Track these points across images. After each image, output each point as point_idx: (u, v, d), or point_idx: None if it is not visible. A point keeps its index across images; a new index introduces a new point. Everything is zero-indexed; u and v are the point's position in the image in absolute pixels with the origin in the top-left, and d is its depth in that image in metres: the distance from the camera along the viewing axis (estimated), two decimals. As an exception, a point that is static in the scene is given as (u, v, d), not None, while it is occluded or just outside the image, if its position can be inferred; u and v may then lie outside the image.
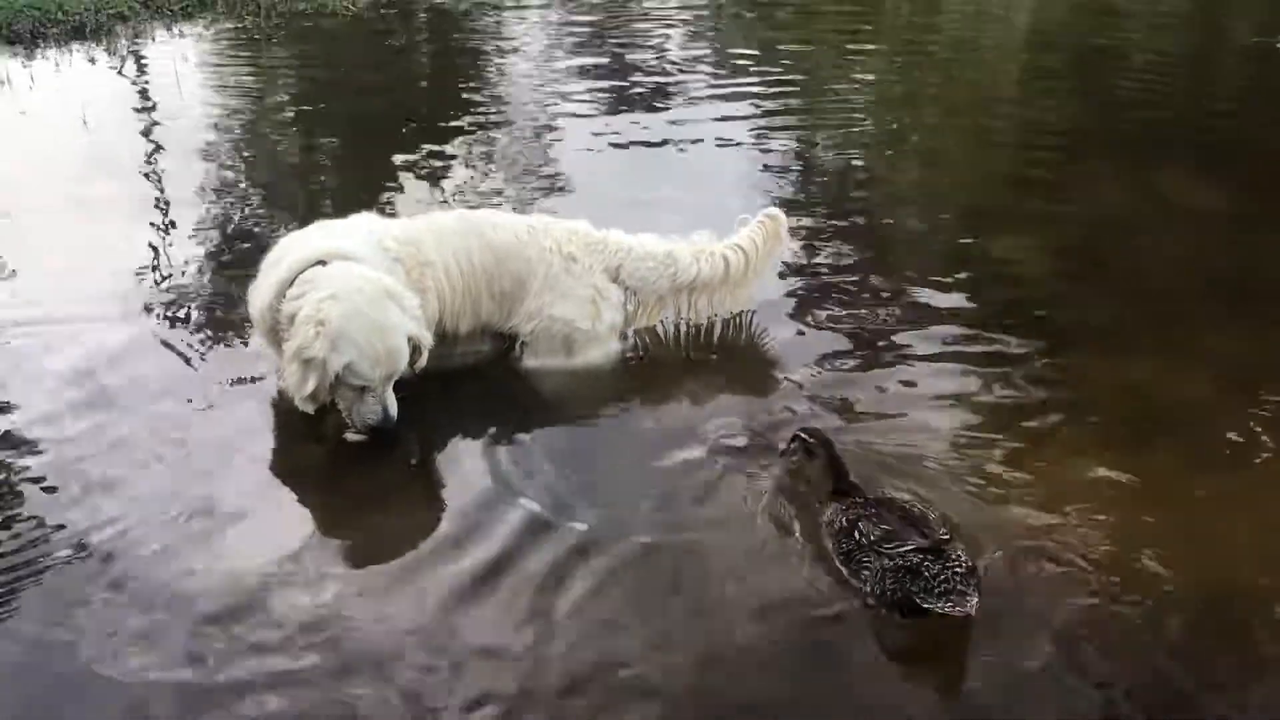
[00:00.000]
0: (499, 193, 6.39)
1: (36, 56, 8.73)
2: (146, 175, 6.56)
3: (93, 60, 8.80)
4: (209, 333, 4.76)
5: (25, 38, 8.95)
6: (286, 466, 3.96)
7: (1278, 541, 3.54)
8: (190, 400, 4.25)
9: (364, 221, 4.38)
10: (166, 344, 4.64)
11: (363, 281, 3.90)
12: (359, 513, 3.77)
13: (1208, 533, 3.52)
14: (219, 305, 4.99)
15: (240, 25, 9.82)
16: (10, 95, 7.76)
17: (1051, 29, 11.54)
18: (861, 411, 4.24)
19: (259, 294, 4.09)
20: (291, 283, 3.93)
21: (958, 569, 3.07)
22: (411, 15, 10.49)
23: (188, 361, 4.52)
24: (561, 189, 6.52)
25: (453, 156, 6.99)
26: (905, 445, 4.02)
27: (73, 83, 8.26)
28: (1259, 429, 4.09)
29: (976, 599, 3.04)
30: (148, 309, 4.94)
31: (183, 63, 8.68)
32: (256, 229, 5.83)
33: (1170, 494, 3.69)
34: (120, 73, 8.61)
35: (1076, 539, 3.50)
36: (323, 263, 3.96)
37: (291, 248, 4.09)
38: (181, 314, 4.92)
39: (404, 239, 4.27)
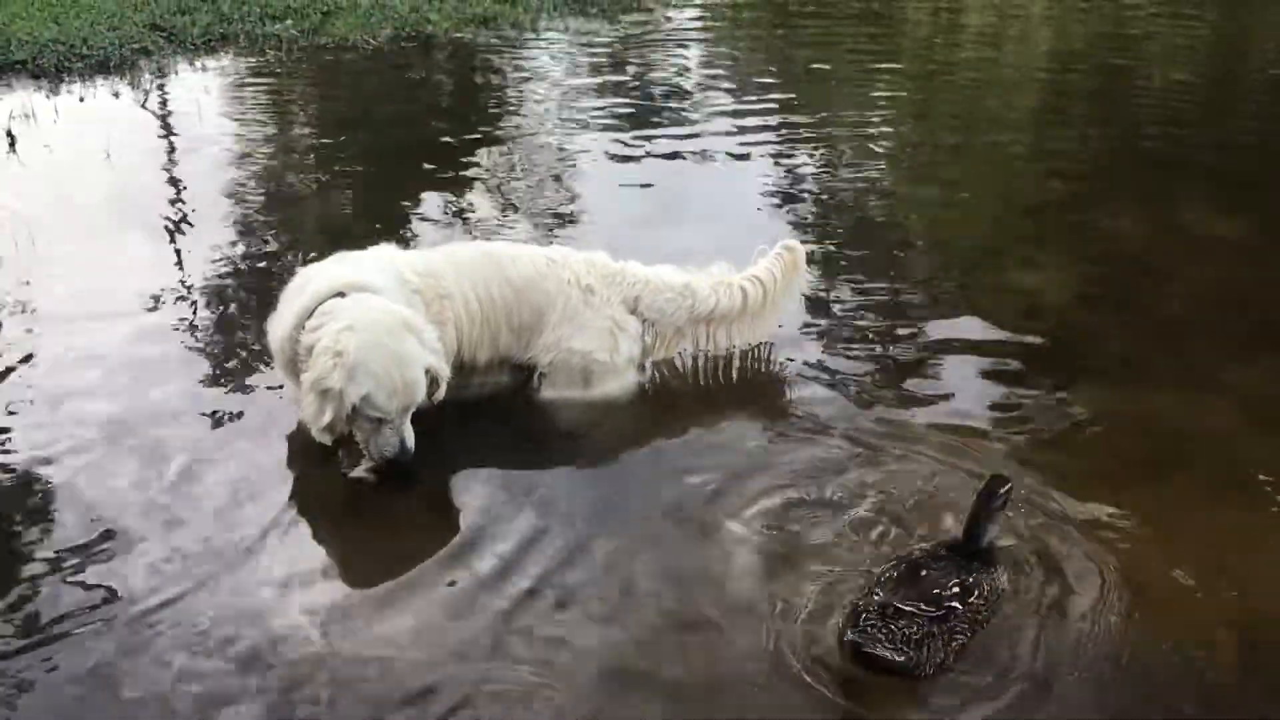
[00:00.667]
0: (515, 223, 6.41)
1: (61, 91, 8.80)
2: (168, 207, 6.59)
3: (116, 94, 8.87)
4: (227, 363, 4.78)
5: (50, 72, 9.03)
6: (301, 498, 3.95)
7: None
8: (204, 427, 4.27)
9: (383, 253, 4.39)
10: (184, 372, 4.68)
11: (381, 313, 3.91)
12: (371, 544, 3.77)
13: (1227, 566, 3.48)
14: (239, 337, 5.01)
15: (262, 59, 9.89)
16: (35, 129, 7.83)
17: (1071, 54, 11.58)
18: (878, 444, 4.21)
19: (278, 325, 4.11)
20: (311, 314, 3.94)
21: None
22: (431, 48, 10.56)
23: (203, 387, 4.56)
24: (577, 218, 6.55)
25: (469, 186, 7.01)
26: (924, 477, 3.99)
27: (96, 116, 8.32)
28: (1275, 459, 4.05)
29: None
30: (166, 339, 4.96)
31: (205, 96, 8.74)
32: (277, 261, 5.86)
33: (1189, 526, 3.65)
34: (143, 106, 8.69)
35: (1096, 569, 3.46)
36: (342, 294, 3.97)
37: (311, 279, 4.11)
38: (200, 344, 4.94)
39: (423, 271, 4.28)
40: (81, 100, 8.71)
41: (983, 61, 11.18)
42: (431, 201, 6.76)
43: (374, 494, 3.96)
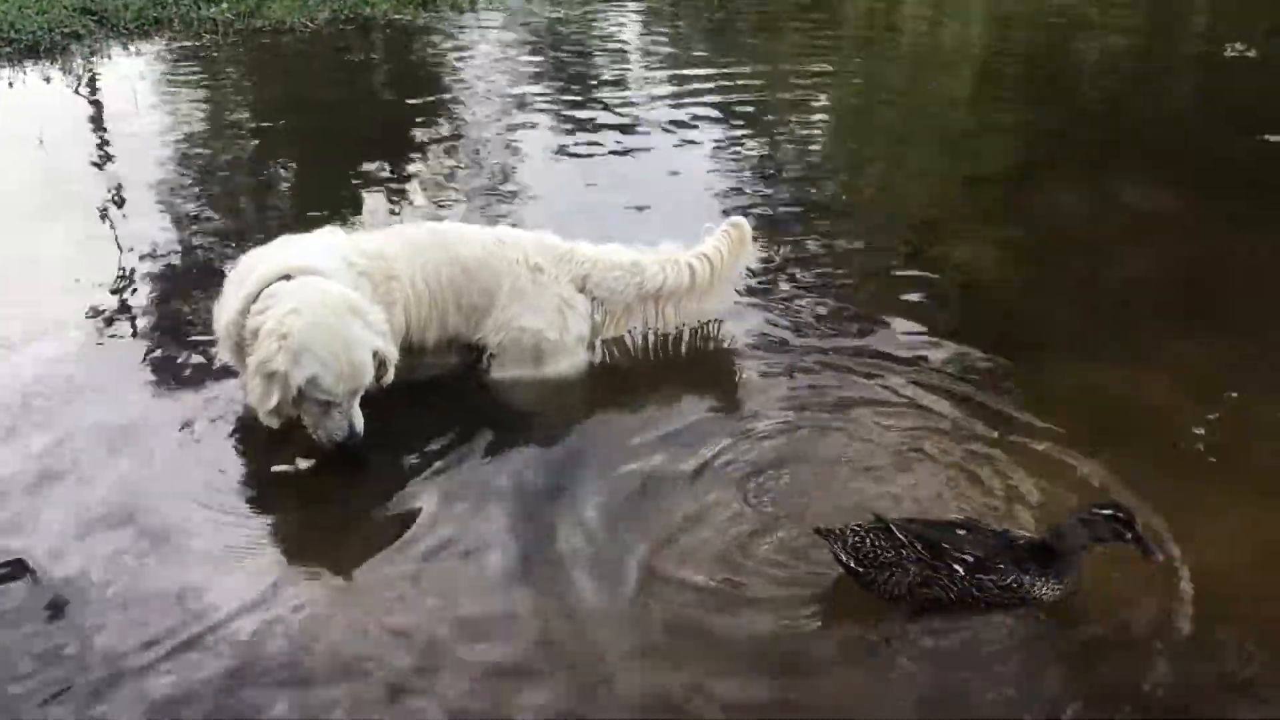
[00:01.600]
0: (456, 204, 6.37)
1: (-11, 78, 8.62)
2: (103, 193, 6.48)
3: (48, 79, 8.71)
4: (164, 350, 4.71)
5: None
6: (249, 482, 3.91)
7: (1235, 537, 3.57)
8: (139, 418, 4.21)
9: (330, 237, 4.34)
10: (120, 360, 4.61)
11: (326, 296, 3.87)
12: (320, 529, 3.75)
13: (1170, 531, 3.53)
14: (175, 322, 4.94)
15: (198, 43, 9.74)
16: (-37, 115, 7.66)
17: (1007, 37, 11.68)
18: (825, 414, 4.25)
19: (224, 309, 4.06)
20: (256, 297, 3.89)
21: None
22: (370, 30, 10.46)
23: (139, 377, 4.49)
24: (518, 198, 6.53)
25: (411, 169, 6.98)
26: (868, 450, 4.03)
27: (27, 102, 8.16)
28: (1220, 430, 4.13)
29: None
30: (101, 327, 4.89)
31: (139, 81, 8.59)
32: (214, 246, 5.78)
33: (1130, 495, 3.70)
34: (76, 92, 8.52)
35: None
36: (288, 277, 3.92)
37: (257, 263, 4.06)
38: (137, 330, 4.87)
39: (370, 253, 4.24)
40: (11, 86, 8.53)
41: (920, 36, 11.27)
42: (371, 184, 6.70)
43: (325, 478, 3.92)
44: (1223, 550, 3.48)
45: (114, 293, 5.21)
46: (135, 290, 5.26)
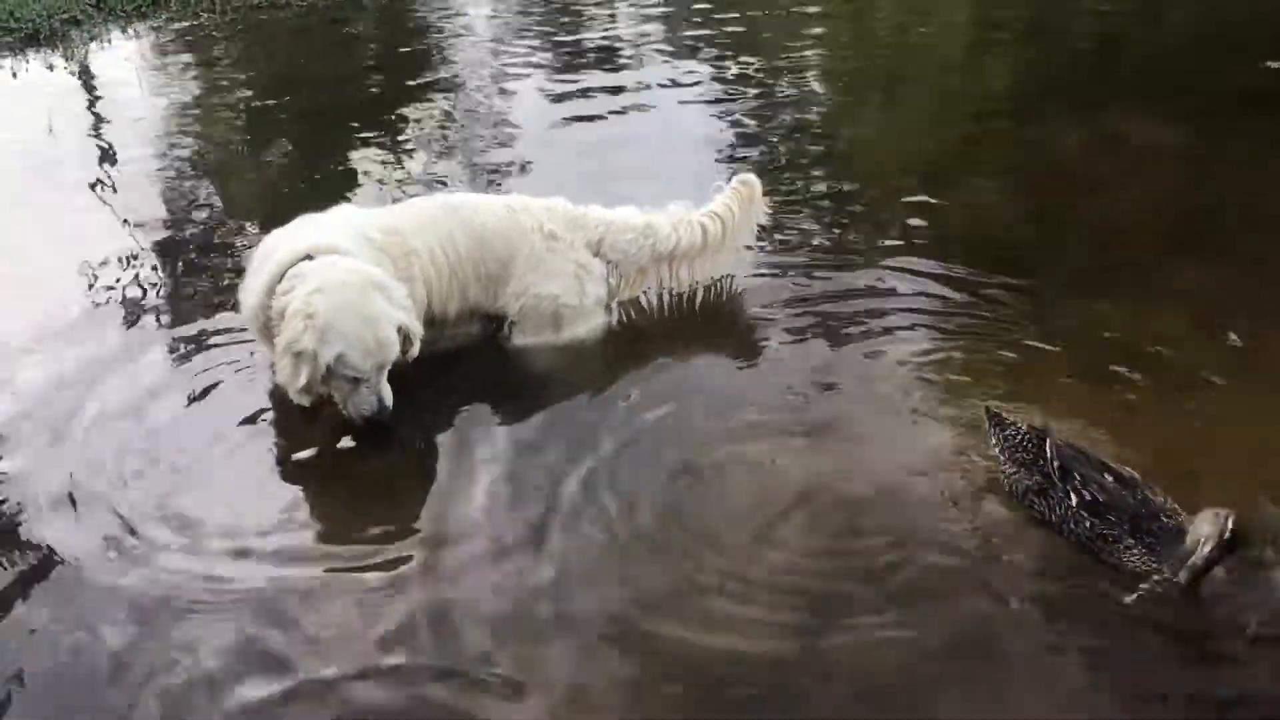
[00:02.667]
0: (458, 175, 6.42)
1: (-9, 66, 8.67)
2: (109, 176, 6.55)
3: (50, 66, 8.75)
4: (179, 330, 4.81)
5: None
6: (281, 458, 4.02)
7: (1246, 461, 3.66)
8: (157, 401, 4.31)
9: (347, 214, 4.44)
10: (135, 345, 4.70)
11: (349, 274, 3.96)
12: (360, 498, 3.85)
13: (1183, 464, 3.62)
14: (186, 304, 5.03)
15: (196, 22, 9.76)
16: (-30, 107, 7.73)
17: None
18: (838, 362, 4.38)
19: (249, 293, 4.15)
20: (280, 279, 3.98)
21: None
22: (370, 2, 10.45)
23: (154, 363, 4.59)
24: (519, 167, 6.55)
25: (410, 141, 7.03)
26: (883, 391, 4.17)
27: (32, 91, 8.21)
28: (1227, 360, 4.21)
29: None
30: (114, 311, 4.98)
31: (140, 63, 8.64)
32: (221, 226, 5.87)
33: (1143, 429, 3.78)
34: (79, 77, 8.57)
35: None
36: (310, 257, 4.01)
37: (278, 245, 4.14)
38: (149, 313, 4.96)
39: (387, 229, 4.32)
40: (14, 75, 8.58)
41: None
42: (372, 158, 6.77)
43: (354, 450, 4.03)
44: (1231, 483, 3.54)
45: (122, 272, 5.32)
46: (143, 272, 5.34)
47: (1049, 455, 3.40)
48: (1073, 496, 3.31)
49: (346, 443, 4.03)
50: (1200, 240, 5.26)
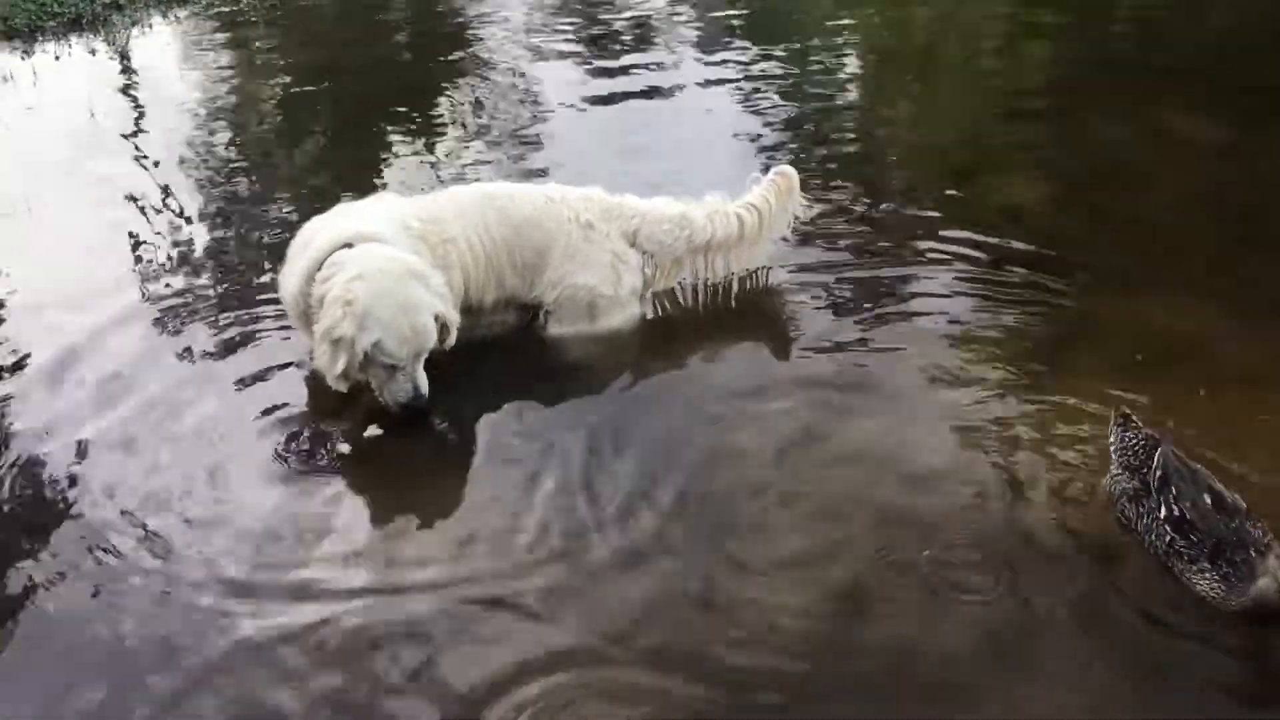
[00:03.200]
0: (494, 162, 6.42)
1: (35, 51, 8.75)
2: (152, 163, 6.59)
3: (93, 51, 8.82)
4: (217, 317, 4.84)
5: (23, 32, 8.97)
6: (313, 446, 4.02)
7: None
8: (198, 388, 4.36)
9: (386, 202, 4.48)
10: (172, 329, 4.74)
11: (388, 262, 4.00)
12: (388, 487, 3.87)
13: (1221, 456, 3.59)
14: (225, 288, 5.08)
15: (235, 7, 9.82)
16: (15, 91, 7.80)
17: None
18: (876, 353, 4.38)
19: (289, 279, 4.19)
20: (320, 266, 4.03)
21: None
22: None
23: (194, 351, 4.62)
24: (553, 154, 6.54)
25: (443, 127, 7.05)
26: (920, 386, 4.16)
27: (75, 75, 8.29)
28: (1270, 357, 4.17)
29: None
30: (152, 295, 5.03)
31: (181, 48, 8.71)
32: (259, 211, 5.91)
33: (1183, 424, 3.75)
34: (121, 62, 8.64)
35: (1098, 469, 3.61)
36: (349, 245, 4.05)
37: (318, 232, 4.19)
38: (189, 297, 5.00)
39: (425, 217, 4.35)
40: (57, 59, 8.66)
41: None
42: (409, 144, 6.81)
43: (389, 436, 4.05)
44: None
45: (162, 257, 5.37)
46: (181, 257, 5.39)
47: (1155, 463, 3.33)
48: (1162, 509, 3.24)
49: (374, 430, 4.05)
50: (1247, 236, 5.20)
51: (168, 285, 5.11)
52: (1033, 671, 2.98)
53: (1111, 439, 3.52)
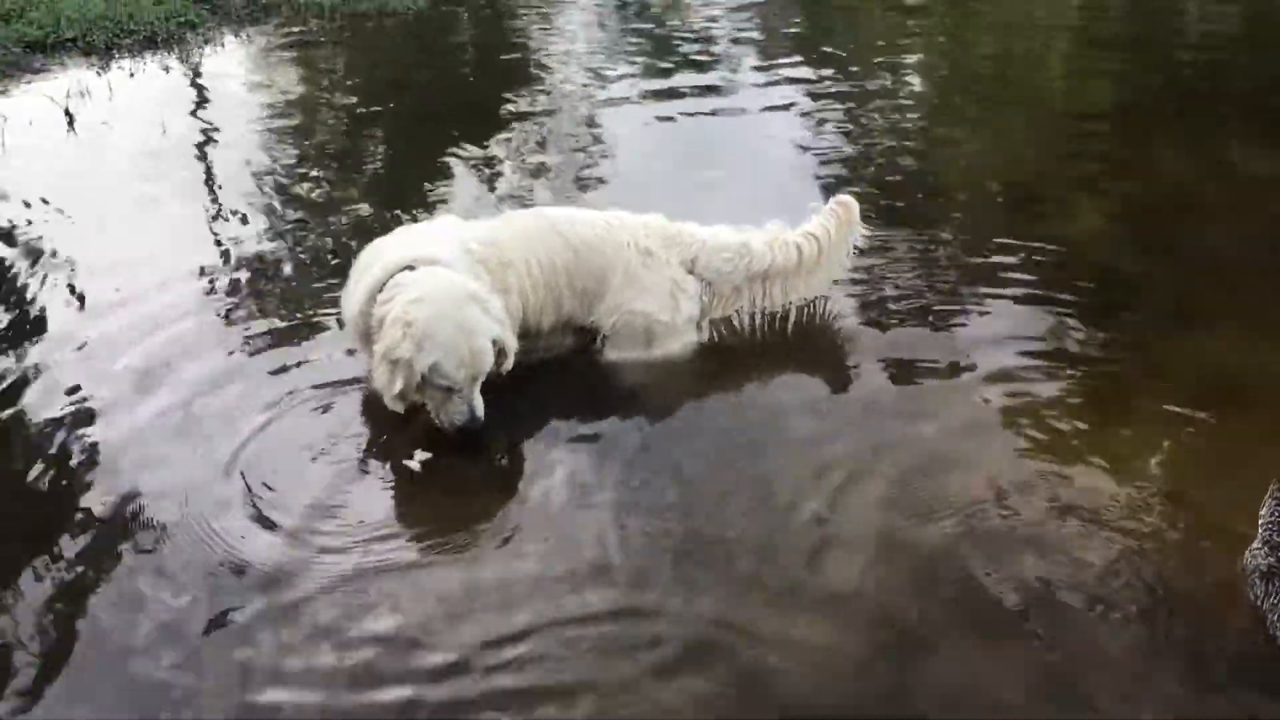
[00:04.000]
0: (554, 184, 6.48)
1: (111, 67, 8.96)
2: (222, 177, 6.74)
3: (166, 69, 9.02)
4: (281, 333, 4.90)
5: (100, 49, 9.20)
6: (370, 462, 4.06)
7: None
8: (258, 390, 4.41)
9: (447, 225, 4.54)
10: (239, 347, 4.79)
11: (448, 285, 4.04)
12: (443, 506, 3.89)
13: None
14: (290, 305, 5.13)
15: (305, 28, 10.01)
16: (91, 106, 7.99)
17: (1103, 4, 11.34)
18: (929, 397, 4.33)
19: (351, 299, 4.25)
20: (381, 287, 4.08)
21: None
22: (473, 10, 10.61)
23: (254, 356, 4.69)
24: (614, 177, 6.59)
25: (506, 148, 7.12)
26: (978, 419, 4.13)
27: (149, 91, 8.48)
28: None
29: None
30: (218, 310, 5.09)
31: (252, 67, 8.89)
32: (323, 229, 6.00)
33: (1249, 465, 3.68)
34: (193, 79, 8.83)
35: (1157, 505, 3.57)
36: (410, 267, 4.09)
37: (380, 254, 4.24)
38: (255, 313, 5.06)
39: (486, 241, 4.40)
40: (132, 75, 8.87)
41: (1013, 4, 11.02)
42: (471, 165, 6.87)
43: (443, 458, 4.07)
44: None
45: (230, 272, 5.45)
46: (250, 273, 5.46)
47: None
48: None
49: (424, 455, 4.04)
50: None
51: (232, 298, 5.18)
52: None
53: (1264, 509, 3.27)
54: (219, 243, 5.78)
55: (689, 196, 5.90)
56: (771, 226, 4.85)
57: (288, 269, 5.51)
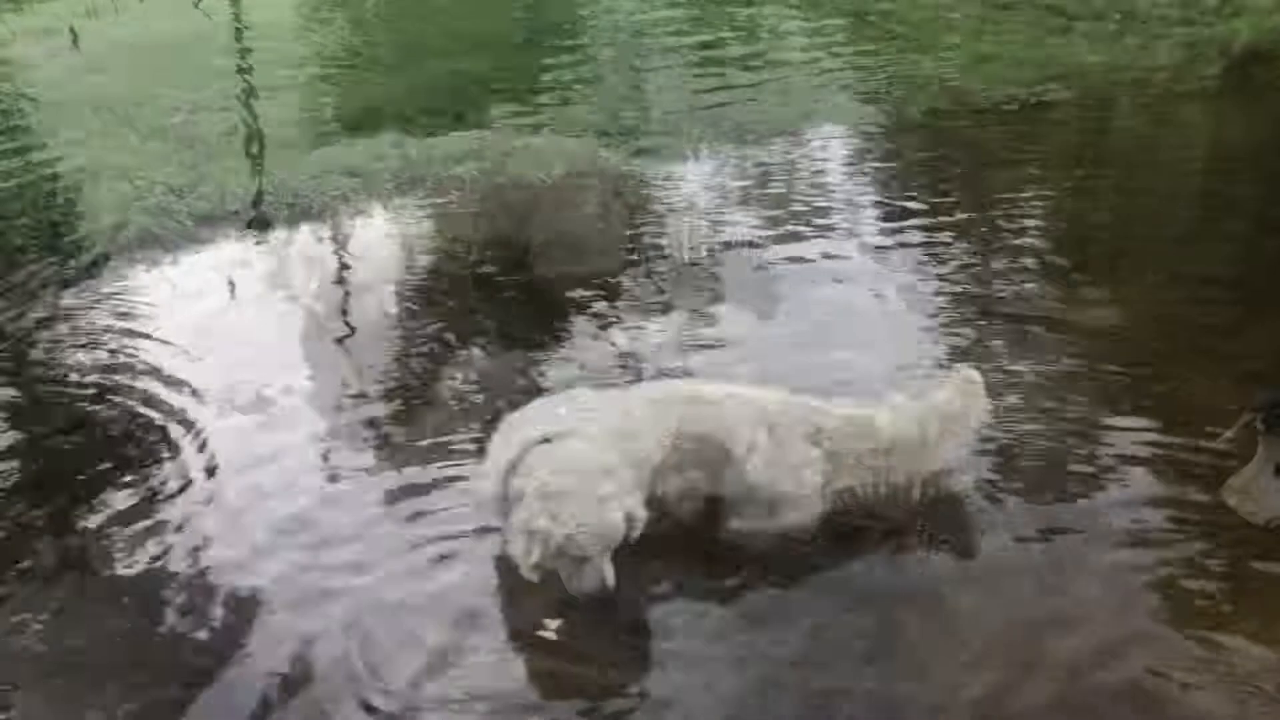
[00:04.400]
0: (674, 352, 6.62)
1: (269, 238, 9.62)
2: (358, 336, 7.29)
3: (320, 239, 9.64)
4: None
5: (260, 221, 9.88)
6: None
7: None
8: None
9: (580, 398, 4.82)
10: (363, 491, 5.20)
11: (582, 459, 4.29)
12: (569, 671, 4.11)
13: None
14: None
15: (447, 199, 10.55)
16: (251, 277, 8.61)
17: (1236, 146, 10.99)
18: (1059, 556, 4.48)
19: (488, 477, 4.55)
20: (519, 462, 4.33)
21: None
22: (602, 179, 11.10)
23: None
24: (732, 343, 6.71)
25: (628, 315, 7.32)
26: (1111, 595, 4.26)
27: (302, 261, 9.08)
28: None
29: None
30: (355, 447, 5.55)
31: (397, 236, 9.47)
32: (458, 394, 6.36)
33: None
34: (342, 249, 9.43)
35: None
36: (547, 440, 4.34)
37: (517, 428, 4.54)
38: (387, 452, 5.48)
39: (616, 413, 4.66)
40: (287, 244, 9.50)
41: (1135, 167, 10.88)
42: (593, 333, 7.08)
43: (575, 624, 4.25)
44: None
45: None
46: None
47: None
48: None
49: (556, 623, 4.28)
50: None
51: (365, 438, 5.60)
52: None
53: None
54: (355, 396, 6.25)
55: (804, 362, 6.06)
56: (895, 399, 5.01)
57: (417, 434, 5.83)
